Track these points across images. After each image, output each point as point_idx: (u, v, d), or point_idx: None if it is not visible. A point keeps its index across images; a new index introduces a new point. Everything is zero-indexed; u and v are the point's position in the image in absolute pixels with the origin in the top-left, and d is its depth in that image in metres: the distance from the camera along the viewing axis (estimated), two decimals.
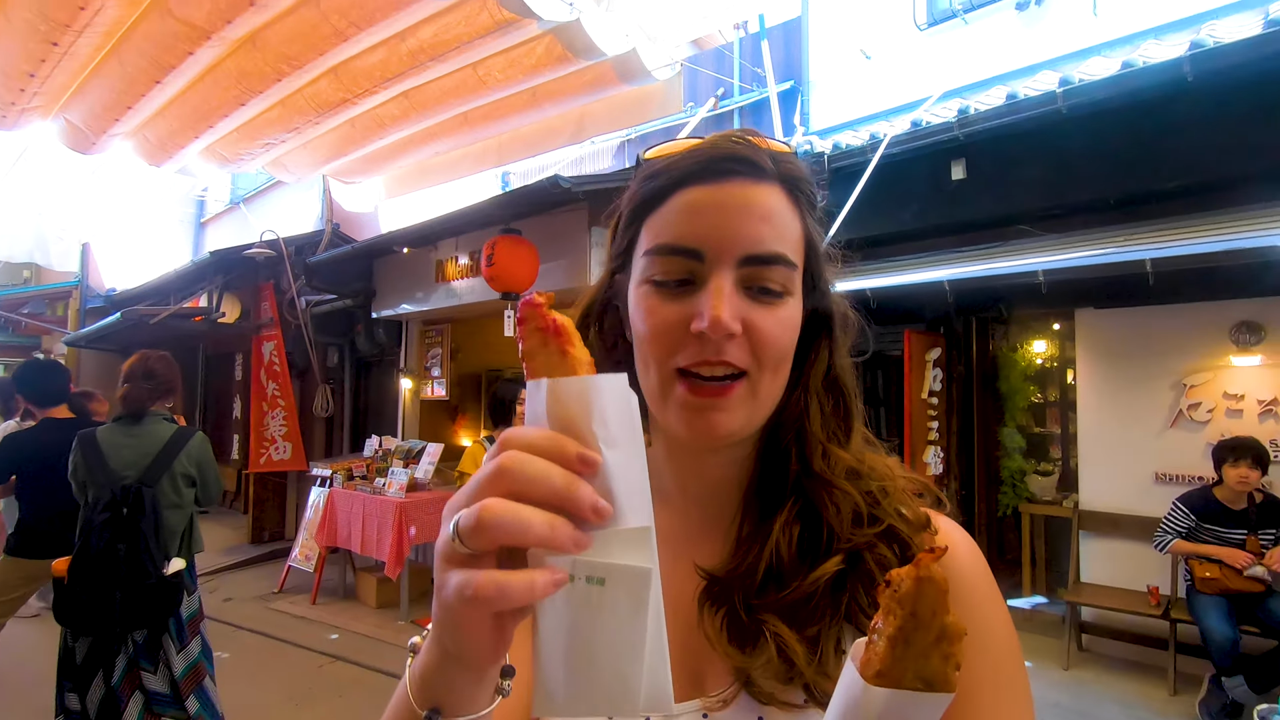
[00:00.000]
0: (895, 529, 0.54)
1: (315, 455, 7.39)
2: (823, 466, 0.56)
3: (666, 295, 0.53)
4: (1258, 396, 3.89)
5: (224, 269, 7.21)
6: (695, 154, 0.54)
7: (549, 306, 0.41)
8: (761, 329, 0.52)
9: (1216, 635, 3.36)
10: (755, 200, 0.53)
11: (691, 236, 0.52)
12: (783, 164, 0.55)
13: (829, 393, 0.60)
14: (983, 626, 0.53)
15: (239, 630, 5.04)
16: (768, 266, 0.52)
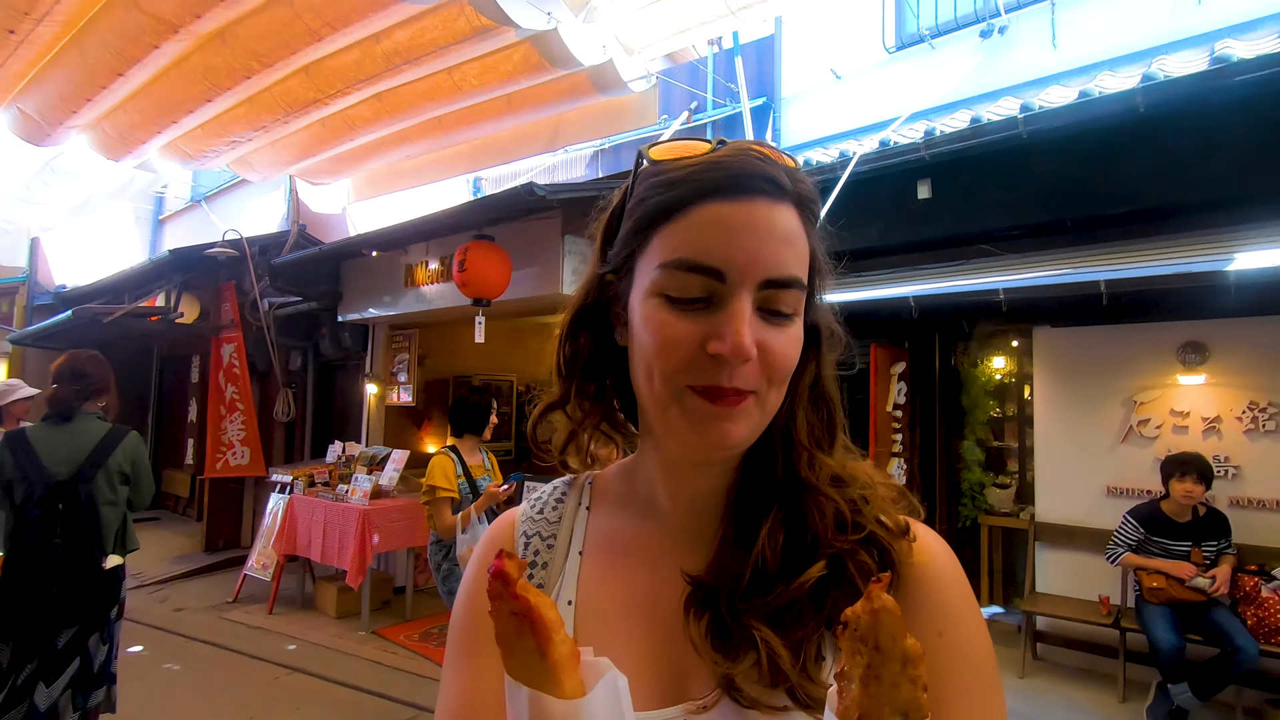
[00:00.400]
0: (876, 535, 0.55)
1: (275, 461, 7.20)
2: (809, 474, 0.57)
3: (681, 312, 0.52)
4: (1202, 414, 4.07)
5: (183, 268, 7.00)
6: (720, 166, 0.52)
7: (519, 576, 0.38)
8: (774, 350, 0.52)
9: (1163, 644, 3.49)
10: (778, 222, 0.52)
11: (715, 255, 0.51)
12: (798, 182, 0.55)
13: (815, 402, 0.61)
14: (962, 635, 0.54)
15: (191, 641, 4.87)
16: (785, 290, 0.52)
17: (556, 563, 0.64)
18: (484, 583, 0.60)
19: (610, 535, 0.65)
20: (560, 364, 0.65)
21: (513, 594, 0.37)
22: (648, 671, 0.56)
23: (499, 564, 0.38)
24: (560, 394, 0.65)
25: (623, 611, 0.60)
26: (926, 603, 0.55)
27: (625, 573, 0.62)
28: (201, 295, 7.30)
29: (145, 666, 4.45)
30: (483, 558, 0.68)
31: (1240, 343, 3.99)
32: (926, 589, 0.55)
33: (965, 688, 0.53)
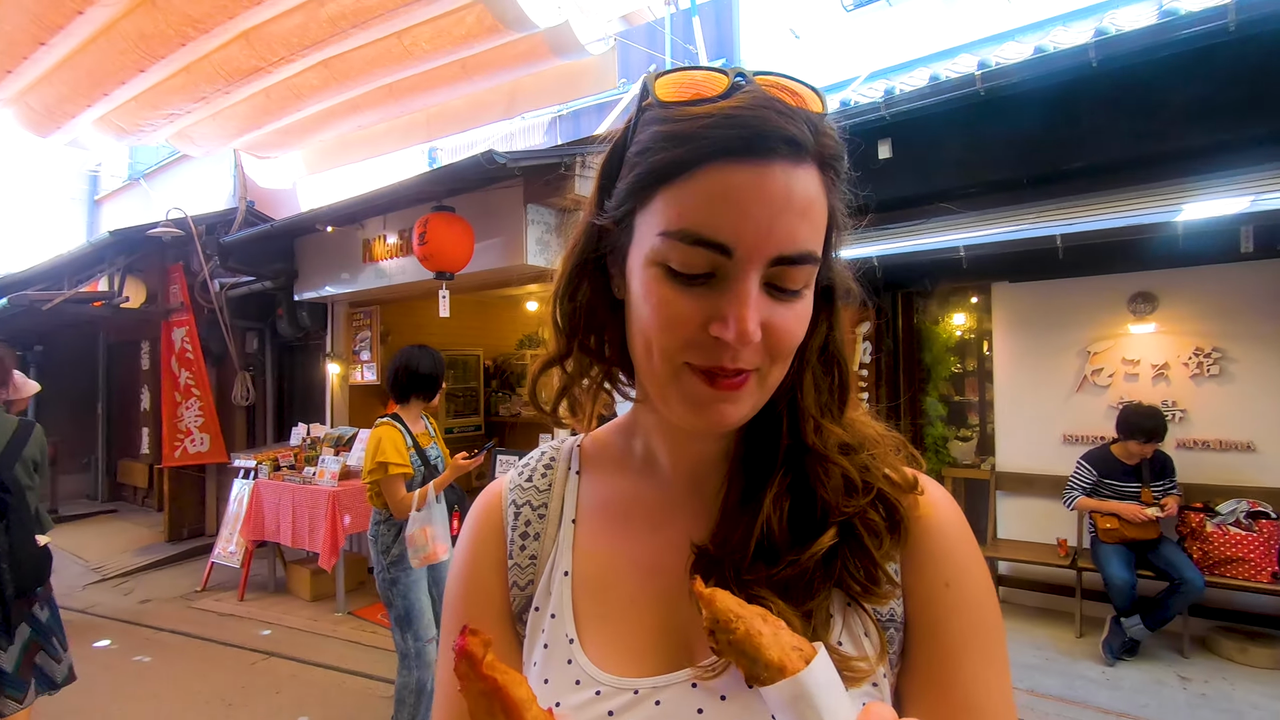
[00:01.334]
0: (884, 493, 0.54)
1: (236, 446, 7.02)
2: (816, 441, 0.55)
3: (682, 286, 0.48)
4: (1151, 361, 4.23)
5: (125, 249, 6.69)
6: (735, 122, 0.46)
7: (487, 657, 0.37)
8: (780, 331, 0.49)
9: (1116, 580, 3.68)
10: (796, 190, 0.47)
11: (723, 229, 0.46)
12: (822, 137, 0.49)
13: (825, 366, 0.58)
14: (968, 585, 0.55)
15: (160, 632, 4.78)
16: (797, 266, 0.48)
17: (549, 533, 0.62)
18: (485, 548, 0.63)
19: (606, 499, 0.63)
20: (558, 318, 0.60)
21: (480, 674, 0.36)
22: (653, 637, 0.56)
23: (463, 643, 0.37)
24: (559, 349, 0.61)
25: (624, 577, 0.59)
26: (933, 554, 0.55)
27: (624, 537, 0.60)
28: (147, 278, 6.99)
29: (113, 659, 4.35)
30: (474, 527, 0.66)
31: (1187, 291, 4.15)
32: (933, 541, 0.56)
33: (971, 636, 0.54)
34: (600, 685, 0.53)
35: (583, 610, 0.58)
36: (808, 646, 0.40)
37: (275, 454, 5.71)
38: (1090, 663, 3.74)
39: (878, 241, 4.18)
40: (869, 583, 0.52)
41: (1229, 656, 3.71)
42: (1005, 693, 0.54)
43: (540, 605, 0.59)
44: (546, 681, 0.56)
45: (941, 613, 0.54)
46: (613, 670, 0.54)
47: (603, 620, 0.57)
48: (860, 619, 0.53)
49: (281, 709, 3.61)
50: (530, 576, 0.61)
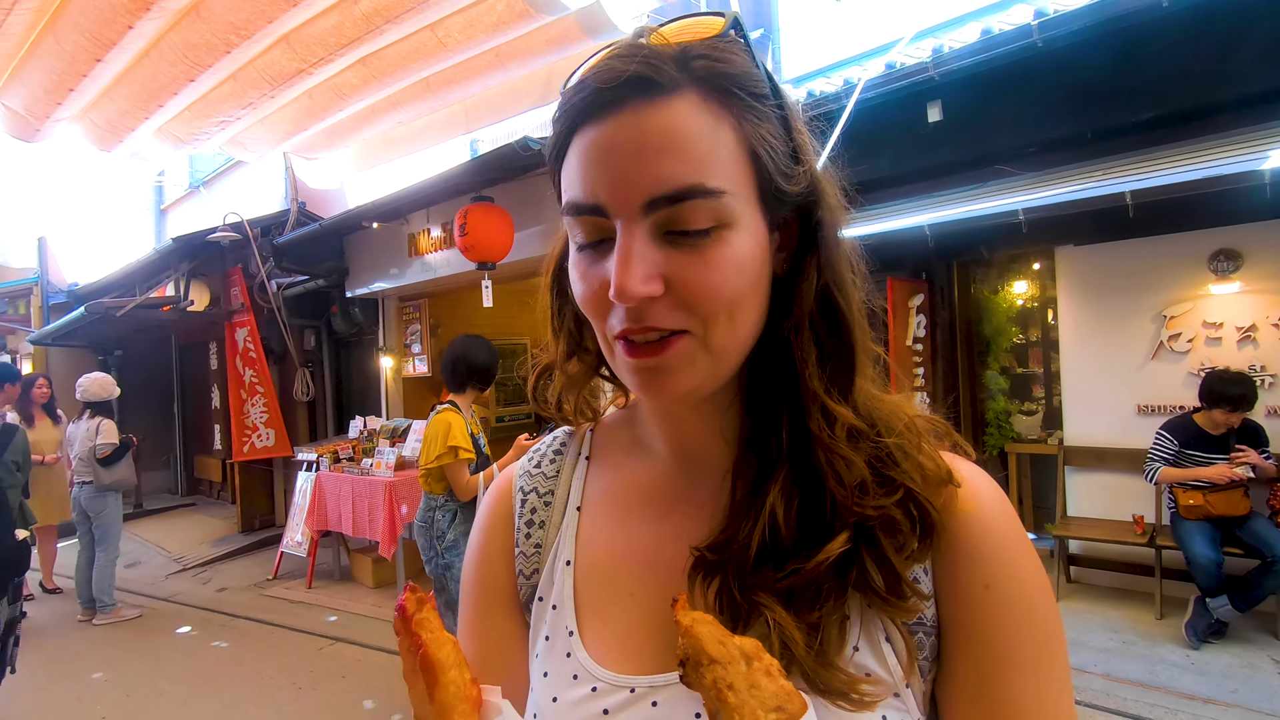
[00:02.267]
0: (912, 491, 0.47)
1: (299, 440, 7.29)
2: (820, 427, 0.48)
3: (590, 257, 0.47)
4: (1236, 323, 3.93)
5: (189, 255, 6.99)
6: (582, 85, 0.45)
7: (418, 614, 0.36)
8: (690, 282, 0.44)
9: (1201, 559, 3.45)
10: (649, 129, 0.43)
11: (590, 192, 0.45)
12: (694, 61, 0.44)
13: (826, 328, 0.50)
14: (1012, 585, 0.48)
15: (235, 619, 5.01)
16: (681, 204, 0.43)
17: (554, 521, 0.60)
18: (494, 535, 0.62)
19: (611, 487, 0.60)
20: (552, 320, 0.60)
21: (408, 629, 0.35)
22: (653, 633, 0.52)
23: (400, 599, 0.37)
24: (552, 349, 0.61)
25: (625, 569, 0.55)
26: (971, 554, 0.49)
27: (628, 527, 0.57)
28: (210, 281, 7.30)
29: (194, 645, 4.59)
30: (486, 514, 0.65)
31: (1276, 246, 3.82)
32: (972, 539, 0.49)
33: (1020, 645, 0.47)
34: (597, 681, 0.51)
35: (584, 602, 0.55)
36: (795, 702, 0.35)
37: (335, 447, 5.90)
38: (1173, 646, 3.53)
39: (930, 209, 4.00)
40: (890, 594, 0.46)
41: None
42: (1066, 703, 0.47)
43: (543, 595, 0.57)
44: (546, 675, 0.54)
45: (981, 618, 0.48)
46: (611, 666, 0.51)
47: (603, 613, 0.54)
48: (883, 623, 0.48)
49: (348, 692, 3.73)
50: (535, 565, 0.59)
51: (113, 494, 5.09)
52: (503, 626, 0.59)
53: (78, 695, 3.89)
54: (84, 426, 5.07)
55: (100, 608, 5.05)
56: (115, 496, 5.11)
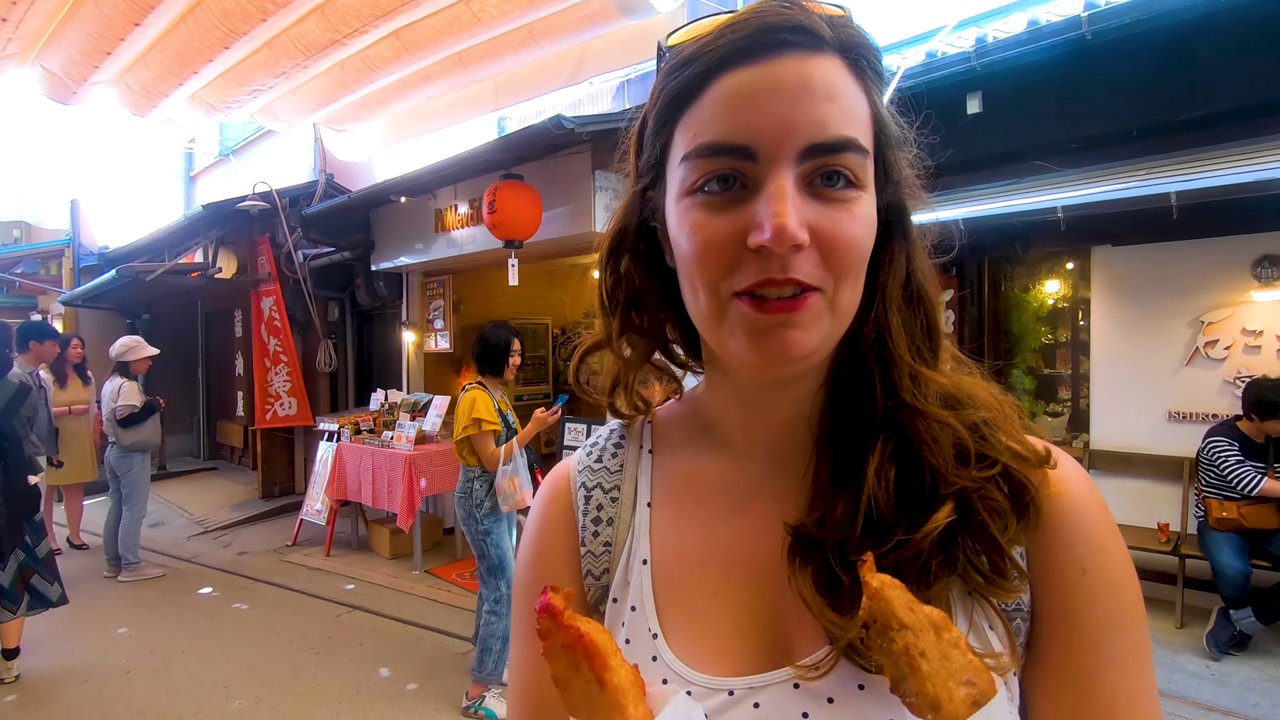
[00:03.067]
0: (1008, 468, 0.46)
1: (321, 410, 7.38)
2: (914, 394, 0.48)
3: (715, 206, 0.44)
4: (1276, 332, 3.83)
5: (217, 222, 7.05)
6: (734, 28, 0.44)
7: (567, 609, 0.35)
8: (834, 233, 0.43)
9: (1229, 570, 3.40)
10: (814, 76, 0.43)
11: (740, 130, 0.43)
12: (841, 29, 0.45)
13: (910, 305, 0.51)
14: (1107, 568, 0.48)
15: (255, 583, 5.11)
16: (836, 155, 0.43)
17: (624, 518, 0.57)
18: (555, 533, 0.59)
19: (681, 481, 0.57)
20: (602, 297, 0.57)
21: (562, 625, 0.35)
22: (744, 632, 0.50)
23: (545, 599, 0.35)
24: (604, 331, 0.57)
25: (706, 567, 0.53)
26: (1068, 537, 0.48)
27: (704, 522, 0.55)
28: (238, 249, 7.37)
29: (215, 606, 4.69)
30: (542, 511, 0.62)
31: None
32: (1067, 521, 0.48)
33: (1114, 624, 0.47)
34: (691, 685, 0.48)
35: (664, 602, 0.53)
36: (984, 679, 0.33)
37: (356, 418, 5.96)
38: (1192, 655, 3.49)
39: (964, 203, 3.92)
40: (993, 574, 0.45)
41: None
42: (1153, 692, 0.47)
43: (618, 596, 0.55)
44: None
45: (1079, 602, 0.47)
46: (702, 669, 0.49)
47: (687, 613, 0.52)
48: (984, 609, 0.46)
49: (364, 659, 3.80)
50: (605, 565, 0.56)
51: (139, 455, 5.19)
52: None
53: (104, 649, 4.00)
54: (108, 387, 5.17)
55: (125, 565, 5.17)
56: (142, 458, 5.21)
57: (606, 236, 0.56)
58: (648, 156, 0.51)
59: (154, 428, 5.25)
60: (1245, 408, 3.54)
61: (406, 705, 3.33)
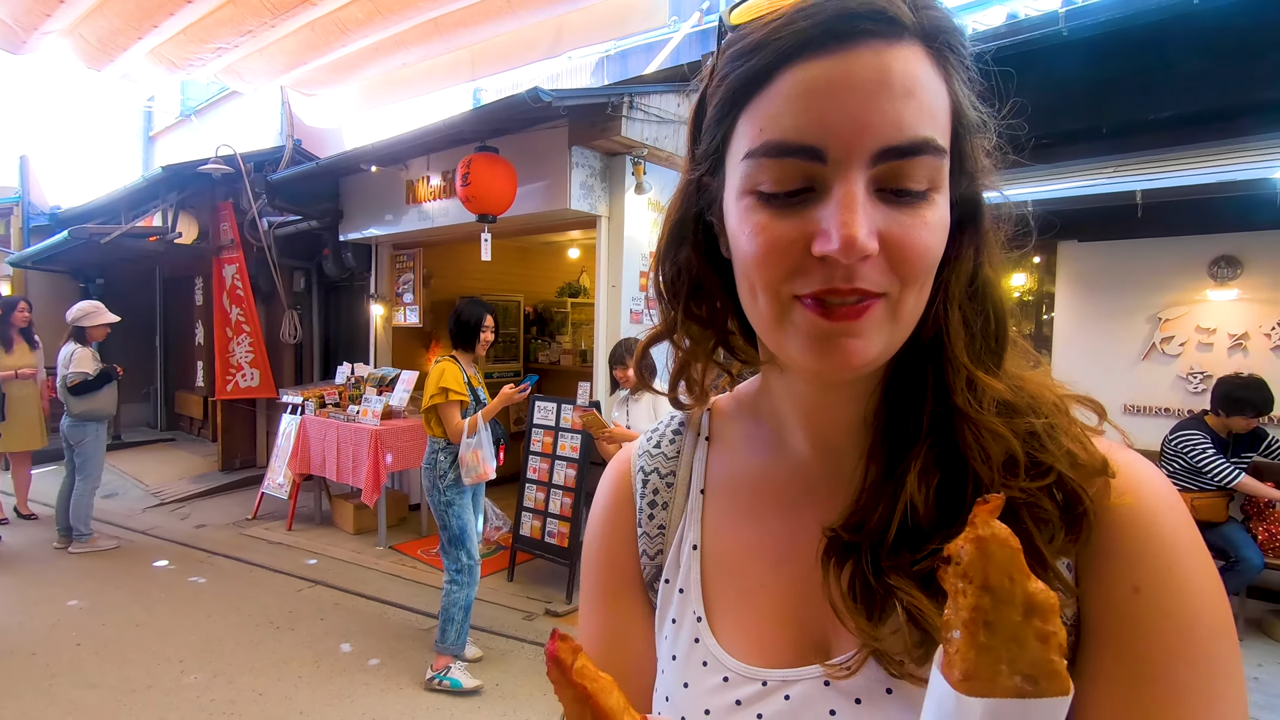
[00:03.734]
0: (1062, 476, 0.44)
1: (284, 382, 7.23)
2: (968, 400, 0.46)
3: (778, 208, 0.42)
4: (1229, 330, 3.97)
5: (178, 185, 6.81)
6: (808, 13, 0.40)
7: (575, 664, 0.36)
8: (905, 242, 0.41)
9: None
10: (893, 70, 0.40)
11: (810, 129, 0.40)
12: (923, 10, 0.41)
13: (975, 306, 0.48)
14: (1166, 591, 0.42)
15: (213, 556, 5.01)
16: (911, 159, 0.41)
17: (677, 503, 0.59)
18: (616, 514, 0.62)
19: (735, 474, 0.58)
20: (660, 287, 0.55)
21: (570, 681, 0.35)
22: (784, 627, 0.51)
23: (552, 648, 0.36)
24: (665, 322, 0.56)
25: (754, 561, 0.54)
26: (1122, 551, 0.43)
27: (755, 518, 0.55)
28: (199, 214, 7.13)
29: (172, 579, 4.59)
30: (607, 494, 0.64)
31: (1276, 256, 3.84)
32: (1124, 535, 0.43)
33: (1169, 661, 0.41)
34: (728, 671, 0.50)
35: (711, 589, 0.55)
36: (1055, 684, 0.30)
37: (321, 391, 5.85)
38: None
39: None
40: None
41: None
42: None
43: (670, 578, 0.57)
44: (674, 658, 0.54)
45: (1127, 625, 0.42)
46: (740, 657, 0.51)
47: (731, 602, 0.54)
48: None
49: (326, 634, 3.76)
50: (659, 546, 0.59)
51: (93, 424, 5.03)
52: (629, 607, 0.60)
53: (53, 622, 3.89)
54: (63, 353, 4.99)
55: (77, 536, 5.03)
56: (96, 427, 5.05)
57: (666, 226, 0.54)
58: (706, 145, 0.48)
59: (109, 397, 5.09)
60: (1213, 403, 3.63)
61: (368, 680, 3.31)
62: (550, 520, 4.27)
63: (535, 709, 3.11)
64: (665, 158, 4.43)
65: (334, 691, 3.21)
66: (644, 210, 4.53)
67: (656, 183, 4.46)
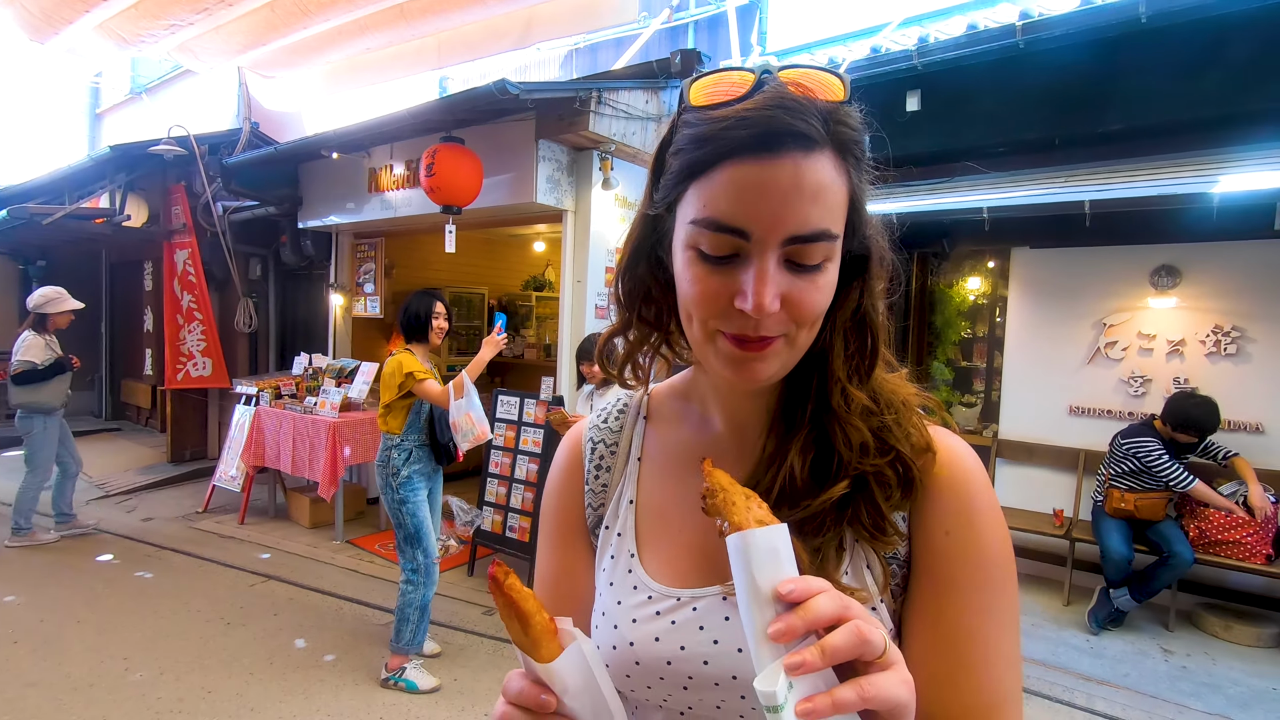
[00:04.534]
0: (901, 454, 0.61)
1: (239, 372, 7.03)
2: (839, 404, 0.62)
3: (712, 266, 0.56)
4: (1168, 336, 4.15)
5: (126, 166, 6.54)
6: (746, 124, 0.52)
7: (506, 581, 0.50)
8: (800, 301, 0.55)
9: (1115, 554, 3.70)
10: (805, 179, 0.52)
11: (739, 216, 0.53)
12: (835, 127, 0.53)
13: (855, 332, 0.63)
14: (968, 536, 0.60)
15: (161, 550, 4.87)
16: (811, 244, 0.53)
17: (618, 467, 0.76)
18: (569, 475, 0.80)
19: (667, 445, 0.75)
20: (620, 294, 0.70)
21: (503, 593, 0.50)
22: (696, 556, 0.67)
23: (492, 570, 0.51)
24: (621, 322, 0.71)
25: (677, 509, 0.70)
26: (938, 508, 0.61)
27: (680, 477, 0.72)
28: (149, 197, 6.87)
29: (116, 574, 4.44)
30: (563, 457, 0.81)
31: (1212, 267, 4.03)
32: (943, 495, 0.61)
33: (964, 582, 0.59)
34: (652, 591, 0.66)
35: (643, 533, 0.71)
36: (772, 520, 0.48)
37: (277, 382, 5.71)
38: (1075, 631, 3.79)
39: (898, 198, 4.05)
40: (876, 530, 0.60)
41: (1213, 632, 3.76)
42: (999, 640, 0.59)
43: (610, 525, 0.73)
44: (611, 584, 0.69)
45: (939, 558, 0.60)
46: (661, 580, 0.67)
47: (657, 541, 0.70)
48: (866, 554, 0.61)
49: (279, 630, 3.69)
50: (602, 500, 0.75)
51: (40, 416, 4.85)
52: (576, 549, 0.76)
53: None
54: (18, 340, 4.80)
55: (15, 530, 4.83)
56: (43, 419, 4.89)
57: (627, 247, 0.68)
58: (663, 195, 0.60)
59: (55, 389, 4.90)
60: (1164, 415, 3.78)
61: (323, 676, 3.26)
62: (511, 515, 4.26)
63: (494, 704, 3.10)
64: (633, 153, 4.44)
65: (287, 688, 3.15)
66: (611, 205, 4.53)
67: (624, 178, 4.46)
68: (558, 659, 0.51)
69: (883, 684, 0.43)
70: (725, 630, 0.61)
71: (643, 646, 0.64)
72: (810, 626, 0.43)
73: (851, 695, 0.42)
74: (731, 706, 0.62)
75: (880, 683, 0.43)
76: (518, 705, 0.53)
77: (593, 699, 0.52)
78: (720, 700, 0.62)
